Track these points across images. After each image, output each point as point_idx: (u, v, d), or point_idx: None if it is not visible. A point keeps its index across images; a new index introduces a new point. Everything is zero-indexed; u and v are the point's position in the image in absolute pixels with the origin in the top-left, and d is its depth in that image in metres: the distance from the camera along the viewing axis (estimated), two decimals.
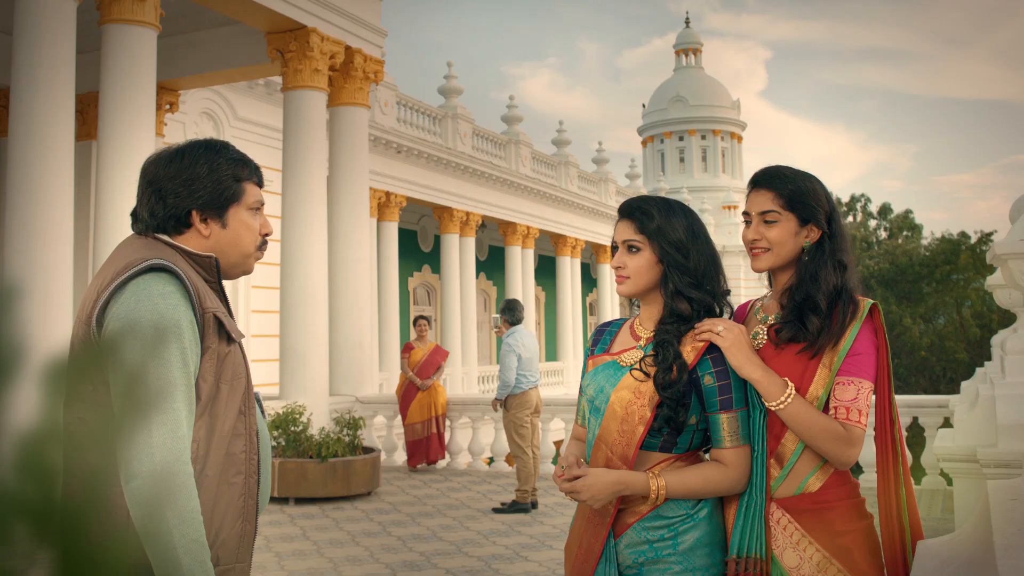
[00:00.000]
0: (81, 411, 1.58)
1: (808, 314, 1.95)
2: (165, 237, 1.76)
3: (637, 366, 1.99)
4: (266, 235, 1.86)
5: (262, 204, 1.87)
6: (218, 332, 1.70)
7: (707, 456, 2.03)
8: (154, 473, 1.52)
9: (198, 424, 1.65)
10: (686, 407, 1.93)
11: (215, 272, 1.78)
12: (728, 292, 2.07)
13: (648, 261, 2.01)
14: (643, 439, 1.95)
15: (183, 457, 1.56)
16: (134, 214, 1.80)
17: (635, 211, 2.04)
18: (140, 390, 1.56)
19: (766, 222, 2.01)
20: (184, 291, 1.65)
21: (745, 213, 2.07)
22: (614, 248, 2.09)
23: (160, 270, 1.65)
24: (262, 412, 1.86)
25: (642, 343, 2.04)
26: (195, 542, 1.54)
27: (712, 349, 1.96)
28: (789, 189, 2.00)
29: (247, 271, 1.88)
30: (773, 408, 1.90)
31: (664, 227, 2.00)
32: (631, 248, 2.03)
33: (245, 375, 1.77)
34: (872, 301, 1.99)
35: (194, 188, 1.74)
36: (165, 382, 1.58)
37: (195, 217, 1.76)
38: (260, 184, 1.87)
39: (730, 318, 2.07)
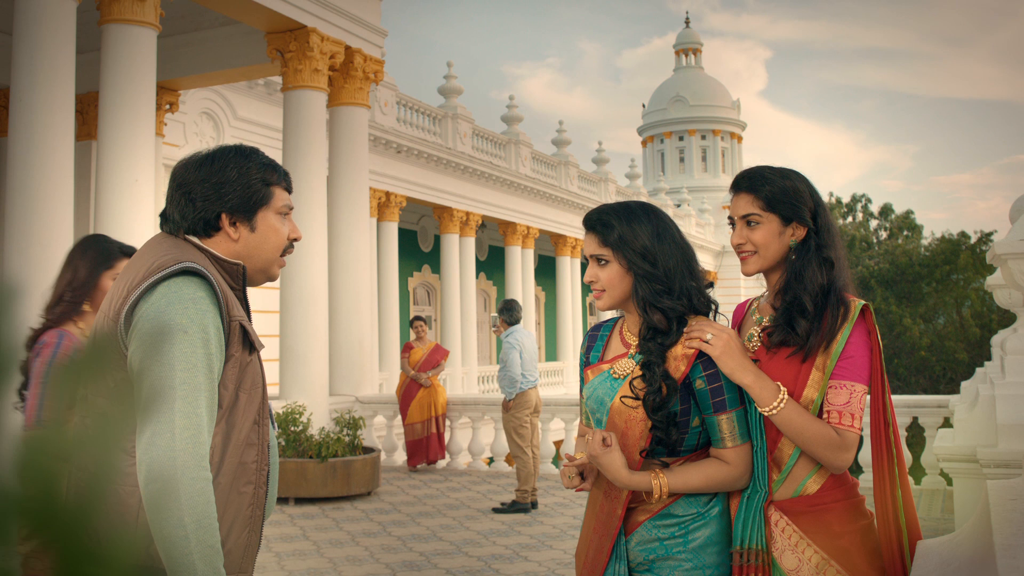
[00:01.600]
0: (101, 405, 1.58)
1: (796, 316, 1.93)
2: (194, 239, 1.76)
3: (629, 394, 1.97)
4: (294, 239, 1.87)
5: (291, 209, 1.87)
6: (242, 341, 1.71)
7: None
8: (175, 476, 1.52)
9: (215, 431, 1.65)
10: (679, 426, 1.93)
11: (241, 280, 1.78)
12: (710, 285, 2.05)
13: (617, 272, 1.99)
14: (644, 452, 1.95)
15: (203, 462, 1.56)
16: (163, 215, 1.80)
17: (596, 224, 2.02)
18: (165, 392, 1.57)
19: (749, 225, 2.01)
20: (214, 297, 1.66)
21: (730, 218, 2.07)
22: (585, 261, 2.09)
23: (192, 274, 1.65)
24: (273, 424, 1.86)
25: (632, 351, 2.03)
26: (211, 548, 1.54)
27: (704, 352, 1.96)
28: (768, 190, 1.99)
29: (272, 277, 1.88)
30: (765, 413, 1.89)
31: (626, 236, 1.98)
32: (599, 261, 2.02)
33: (262, 385, 1.78)
34: (863, 302, 1.96)
35: (223, 191, 1.75)
36: (190, 386, 1.58)
37: (224, 220, 1.76)
38: (289, 190, 1.87)
39: (715, 315, 2.05)
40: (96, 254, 2.70)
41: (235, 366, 1.69)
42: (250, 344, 1.73)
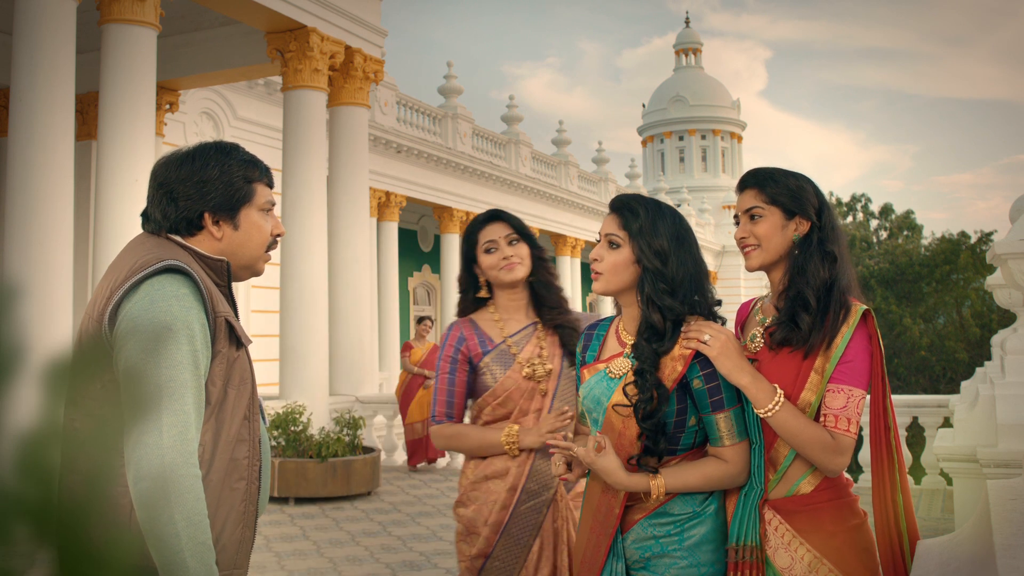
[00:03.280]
0: (89, 408, 1.58)
1: (799, 311, 1.93)
2: (177, 238, 1.76)
3: (623, 402, 1.97)
4: (277, 236, 1.86)
5: (273, 205, 1.87)
6: (228, 336, 1.70)
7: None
8: (163, 475, 1.52)
9: (205, 428, 1.65)
10: (669, 438, 1.93)
11: (225, 276, 1.78)
12: (718, 303, 2.04)
13: (625, 259, 1.99)
14: (632, 459, 1.95)
15: (192, 459, 1.56)
16: (145, 215, 1.79)
17: (623, 208, 2.04)
18: (151, 391, 1.56)
19: (752, 218, 2.02)
20: (198, 294, 1.65)
21: (736, 216, 2.08)
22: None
23: (175, 271, 1.65)
24: (264, 419, 1.86)
25: (627, 350, 2.03)
26: (202, 545, 1.53)
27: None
28: (772, 184, 2.01)
29: (257, 272, 1.88)
30: (761, 415, 1.89)
31: (647, 229, 1.98)
32: (611, 243, 2.02)
33: (251, 380, 1.77)
34: (865, 307, 1.96)
35: (206, 190, 1.74)
36: (177, 384, 1.57)
37: (207, 219, 1.75)
38: (271, 185, 1.87)
39: (723, 325, 2.05)
40: (465, 245, 2.78)
41: (222, 362, 1.68)
42: (237, 340, 1.73)
